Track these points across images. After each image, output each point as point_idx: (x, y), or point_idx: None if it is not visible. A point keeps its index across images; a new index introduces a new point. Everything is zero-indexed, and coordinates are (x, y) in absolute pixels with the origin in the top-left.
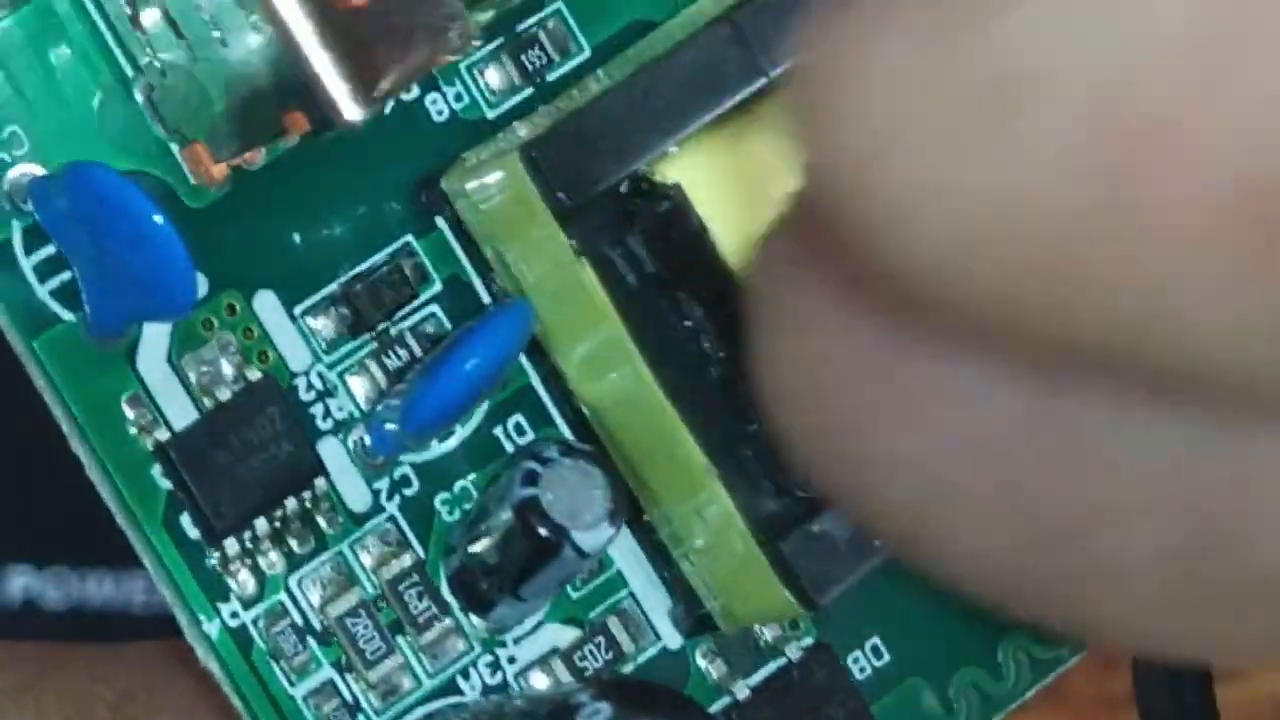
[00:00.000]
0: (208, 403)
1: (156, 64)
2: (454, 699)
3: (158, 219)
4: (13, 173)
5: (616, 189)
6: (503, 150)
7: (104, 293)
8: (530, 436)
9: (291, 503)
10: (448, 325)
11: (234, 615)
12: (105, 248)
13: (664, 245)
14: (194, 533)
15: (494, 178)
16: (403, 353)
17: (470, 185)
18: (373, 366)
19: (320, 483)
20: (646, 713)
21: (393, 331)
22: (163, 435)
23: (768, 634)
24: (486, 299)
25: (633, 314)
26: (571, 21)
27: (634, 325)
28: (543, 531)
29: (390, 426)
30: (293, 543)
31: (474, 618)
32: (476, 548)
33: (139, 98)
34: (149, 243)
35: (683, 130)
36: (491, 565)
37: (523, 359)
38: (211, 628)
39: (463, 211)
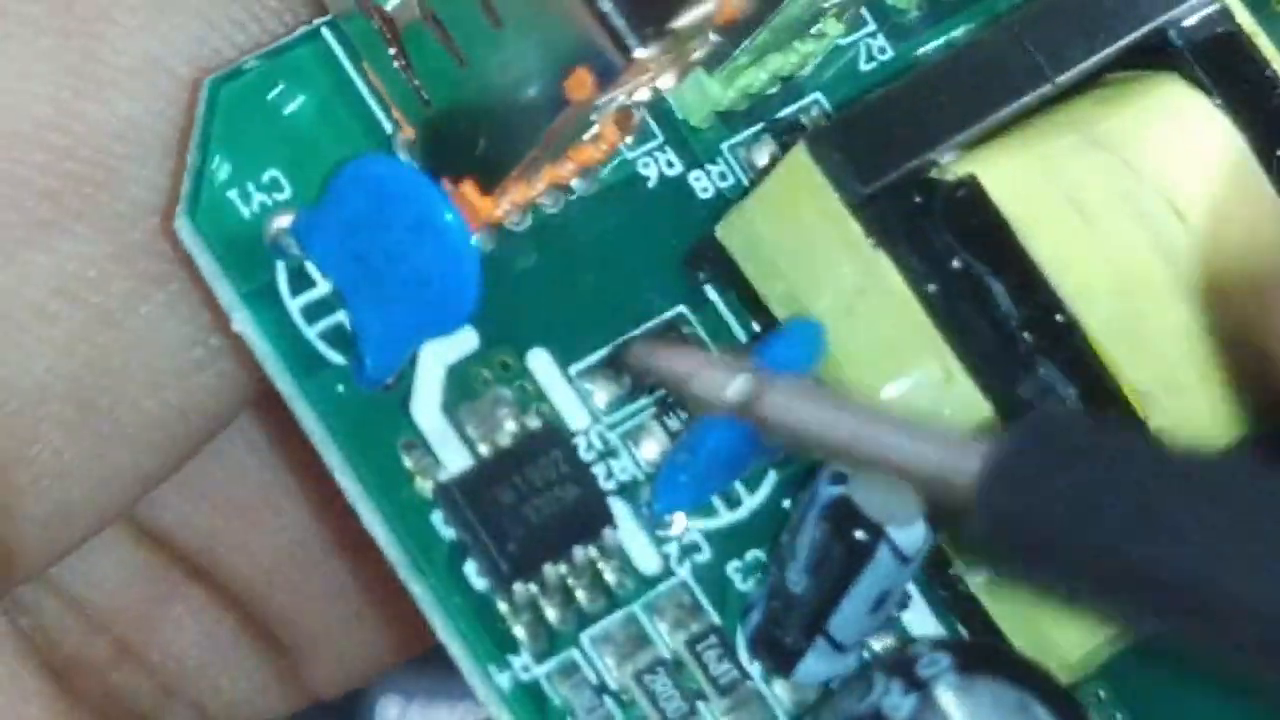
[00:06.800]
0: (486, 450)
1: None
2: None
3: (436, 195)
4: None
5: (904, 182)
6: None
7: (379, 315)
8: None
9: (579, 553)
10: None
11: (525, 669)
12: (384, 249)
13: (962, 234)
14: (481, 584)
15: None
16: (683, 415)
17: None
18: (656, 429)
19: (609, 535)
20: (987, 671)
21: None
22: (444, 477)
23: None
24: None
25: (937, 306)
26: (830, 111)
27: (940, 318)
28: (858, 534)
29: (682, 478)
30: (582, 598)
31: (778, 686)
32: (782, 581)
33: (401, 154)
34: (430, 229)
35: (967, 128)
36: (798, 597)
37: None
38: (503, 679)
39: (742, 258)
